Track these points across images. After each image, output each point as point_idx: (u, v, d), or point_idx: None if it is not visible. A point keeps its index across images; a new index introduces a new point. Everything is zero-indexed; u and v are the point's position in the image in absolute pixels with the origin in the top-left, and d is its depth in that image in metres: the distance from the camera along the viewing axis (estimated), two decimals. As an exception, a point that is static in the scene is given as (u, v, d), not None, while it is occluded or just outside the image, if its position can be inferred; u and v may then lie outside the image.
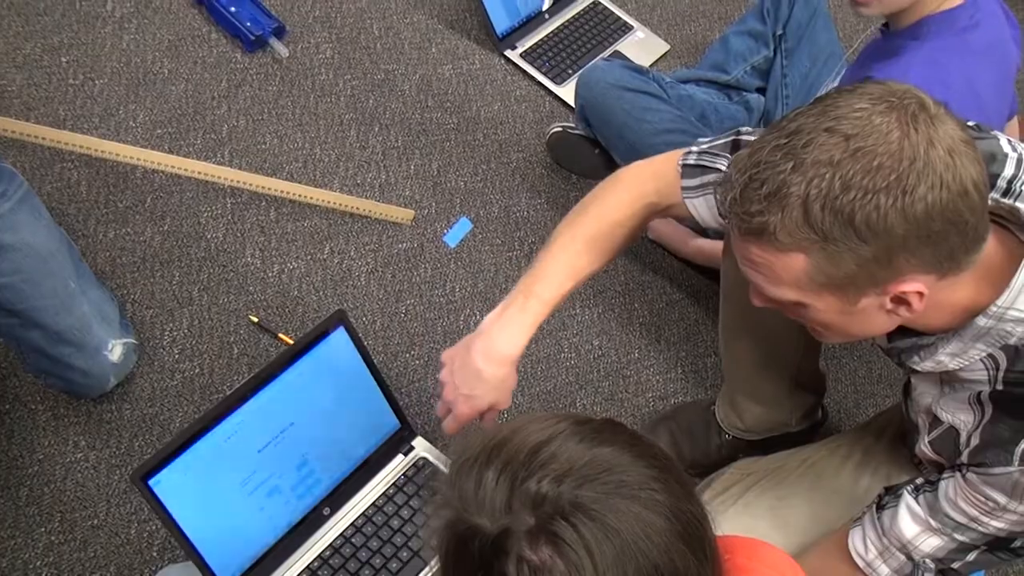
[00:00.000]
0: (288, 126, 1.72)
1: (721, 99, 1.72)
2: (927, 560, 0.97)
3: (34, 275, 1.19)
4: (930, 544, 0.96)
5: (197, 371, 1.43)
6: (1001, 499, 0.88)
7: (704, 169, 1.07)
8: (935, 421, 0.96)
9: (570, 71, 1.89)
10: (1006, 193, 0.89)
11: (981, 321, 0.84)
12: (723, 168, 1.04)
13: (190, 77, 1.73)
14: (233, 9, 1.78)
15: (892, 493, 1.02)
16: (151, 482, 1.07)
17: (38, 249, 1.20)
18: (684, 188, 1.09)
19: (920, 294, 0.80)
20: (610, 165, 1.68)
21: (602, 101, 1.63)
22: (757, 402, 1.38)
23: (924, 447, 0.99)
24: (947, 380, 0.94)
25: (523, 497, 0.62)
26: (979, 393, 0.90)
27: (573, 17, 2.00)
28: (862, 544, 1.03)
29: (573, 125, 1.74)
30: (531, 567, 0.61)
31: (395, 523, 1.25)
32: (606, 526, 0.61)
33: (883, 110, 0.75)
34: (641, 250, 1.73)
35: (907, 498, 0.98)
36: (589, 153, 1.73)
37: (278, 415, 1.18)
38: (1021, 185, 0.90)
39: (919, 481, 0.99)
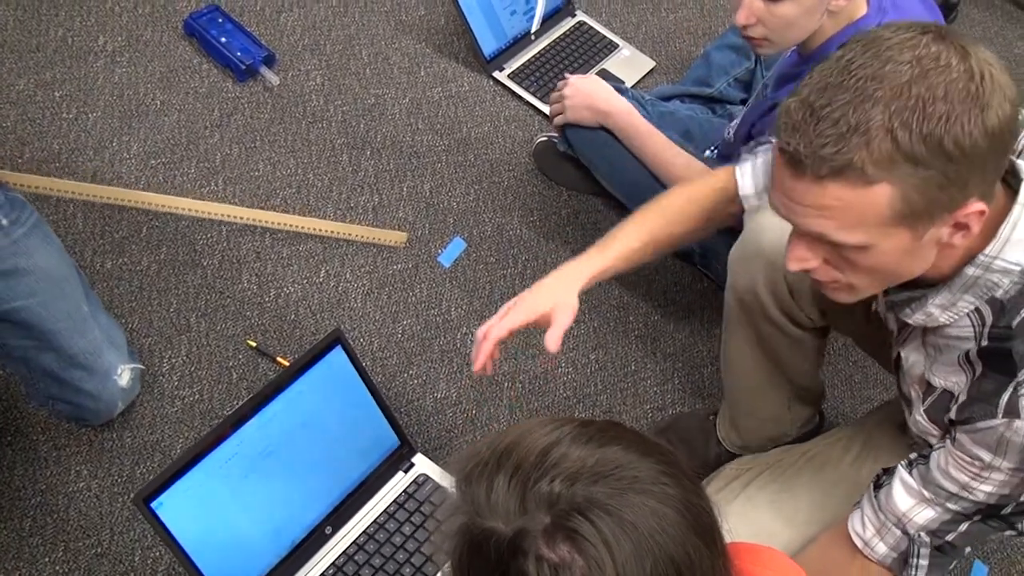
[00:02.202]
0: (281, 153, 1.76)
1: (705, 113, 1.77)
2: (922, 534, 0.99)
3: (49, 298, 1.23)
4: (924, 516, 0.99)
5: (197, 397, 1.46)
6: (987, 456, 0.90)
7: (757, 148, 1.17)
8: (928, 388, 0.99)
9: (558, 90, 1.94)
10: None
11: (970, 270, 0.87)
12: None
13: (183, 108, 1.77)
14: (224, 40, 1.82)
15: (888, 473, 1.05)
16: (153, 505, 1.10)
17: (51, 273, 1.24)
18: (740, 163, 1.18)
19: (981, 213, 0.81)
20: (595, 179, 1.73)
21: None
22: (758, 420, 1.41)
23: (920, 418, 1.01)
24: (933, 343, 0.97)
25: (537, 498, 0.63)
26: (967, 352, 0.92)
27: (559, 37, 2.05)
28: (860, 524, 1.05)
29: (558, 136, 1.78)
30: (551, 565, 0.61)
31: (397, 540, 1.27)
32: (623, 520, 0.62)
33: (931, 39, 0.78)
34: (634, 264, 1.76)
35: (901, 472, 1.01)
36: (575, 164, 1.77)
37: (278, 435, 1.21)
38: (1021, 141, 0.93)
39: (912, 456, 1.02)
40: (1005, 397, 0.88)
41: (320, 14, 1.98)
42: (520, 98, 1.95)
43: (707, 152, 1.65)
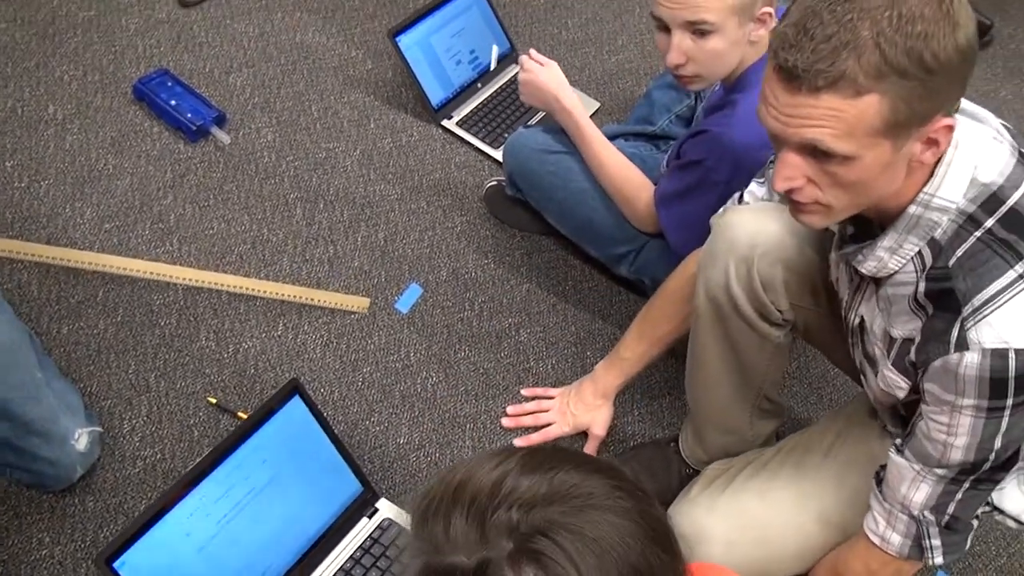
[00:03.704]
0: (234, 210, 1.80)
1: (649, 150, 1.84)
2: (926, 512, 1.06)
3: (1, 368, 1.24)
4: (922, 493, 1.05)
5: (159, 456, 1.47)
6: (949, 396, 0.97)
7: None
8: (891, 341, 1.06)
9: (506, 134, 2.01)
10: None
11: (912, 209, 0.96)
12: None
13: (135, 171, 1.81)
14: (173, 102, 1.87)
15: (883, 466, 1.12)
16: (116, 565, 1.12)
17: (3, 342, 1.26)
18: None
19: (949, 128, 0.90)
20: (545, 220, 1.79)
21: (528, 166, 1.74)
22: (722, 432, 1.46)
23: (888, 371, 1.07)
24: (884, 296, 1.05)
25: (497, 527, 0.65)
26: (915, 295, 0.99)
27: (505, 83, 2.13)
28: (872, 521, 1.13)
29: (507, 181, 1.84)
30: None
31: (365, 586, 1.29)
32: (584, 537, 0.65)
33: None
34: (590, 299, 1.82)
35: (892, 457, 1.08)
36: (525, 206, 1.83)
37: (239, 487, 1.23)
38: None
39: (898, 441, 1.09)
40: (954, 333, 0.94)
41: (269, 73, 2.04)
42: (469, 144, 2.02)
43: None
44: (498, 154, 1.99)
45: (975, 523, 1.10)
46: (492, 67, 2.13)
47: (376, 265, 1.79)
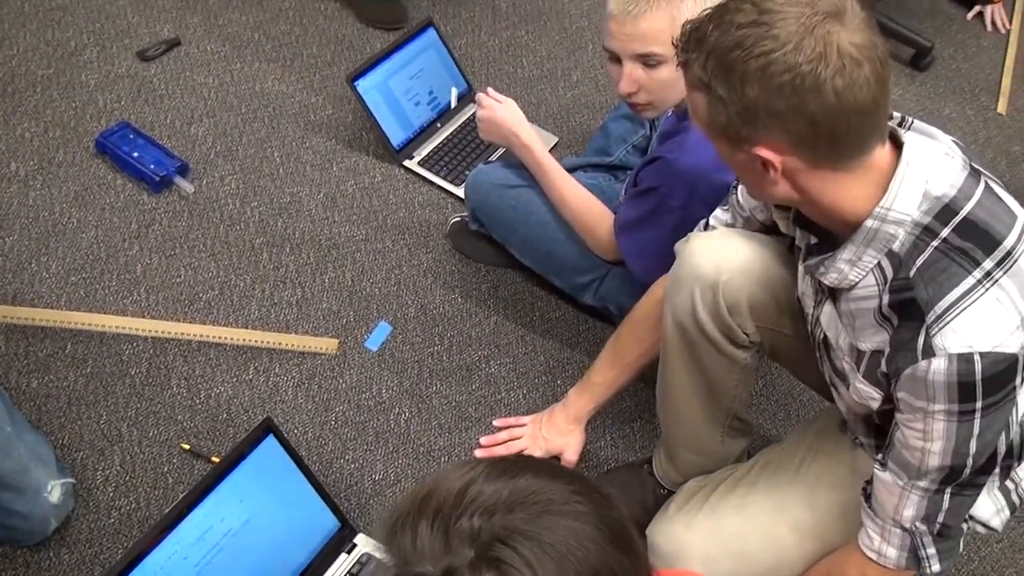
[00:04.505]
0: (201, 257, 1.82)
1: (608, 180, 1.90)
2: (917, 524, 1.09)
3: None
4: (910, 506, 1.08)
5: (134, 506, 1.48)
6: (922, 403, 1.00)
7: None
8: (859, 355, 1.10)
9: (467, 171, 2.06)
10: (900, 124, 1.07)
11: (868, 223, 1.00)
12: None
13: (99, 223, 1.83)
14: (136, 154, 1.90)
15: (869, 482, 1.15)
16: (96, 613, 1.11)
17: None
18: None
19: (773, 164, 0.97)
20: (510, 253, 1.83)
21: (489, 201, 1.79)
22: (694, 452, 1.50)
23: (860, 385, 1.11)
24: (846, 311, 1.09)
25: (459, 536, 0.68)
26: (879, 308, 1.03)
27: (465, 122, 2.18)
28: (867, 538, 1.15)
29: (470, 216, 1.88)
30: None
31: (346, 622, 1.30)
32: (542, 543, 0.67)
33: (806, 1, 0.92)
34: (557, 328, 1.85)
35: (877, 474, 1.12)
36: (489, 241, 1.87)
37: (216, 529, 1.24)
38: (911, 122, 1.08)
39: (879, 456, 1.12)
40: (920, 341, 0.98)
41: (231, 122, 2.08)
42: (432, 183, 2.06)
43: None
44: (460, 191, 2.03)
45: (965, 527, 1.14)
46: (452, 106, 2.19)
47: (344, 305, 1.81)
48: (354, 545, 1.39)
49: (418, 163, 2.09)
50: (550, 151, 2.17)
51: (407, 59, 2.12)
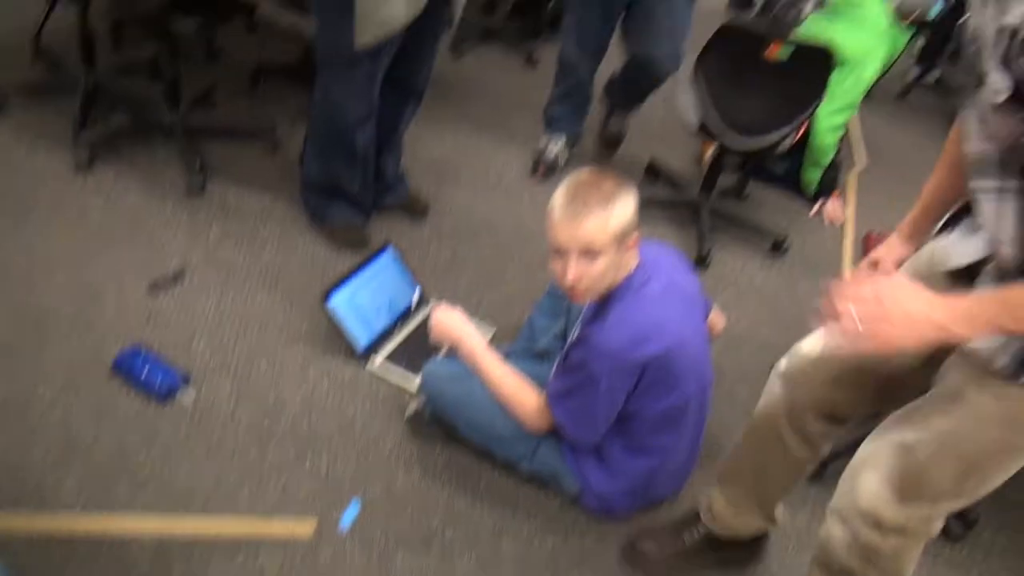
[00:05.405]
0: (198, 460, 2.13)
1: (534, 365, 2.25)
2: None
3: None
4: None
5: None
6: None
7: None
8: (1003, 33, 1.15)
9: (423, 364, 2.41)
10: None
11: None
12: None
13: (112, 433, 2.12)
14: (146, 370, 2.20)
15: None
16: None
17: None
18: None
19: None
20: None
21: (439, 390, 2.11)
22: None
23: (995, 75, 1.18)
24: None
25: None
26: None
27: (420, 322, 2.55)
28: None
29: (425, 406, 2.23)
30: None
31: None
32: None
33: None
34: (502, 494, 2.16)
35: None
36: (441, 423, 2.19)
37: None
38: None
39: None
40: None
41: (225, 337, 2.44)
42: (393, 379, 2.39)
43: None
44: (417, 379, 2.39)
45: None
46: (411, 310, 2.59)
47: (322, 487, 2.09)
48: None
49: (383, 360, 2.45)
50: (489, 340, 2.58)
51: (370, 276, 2.49)
